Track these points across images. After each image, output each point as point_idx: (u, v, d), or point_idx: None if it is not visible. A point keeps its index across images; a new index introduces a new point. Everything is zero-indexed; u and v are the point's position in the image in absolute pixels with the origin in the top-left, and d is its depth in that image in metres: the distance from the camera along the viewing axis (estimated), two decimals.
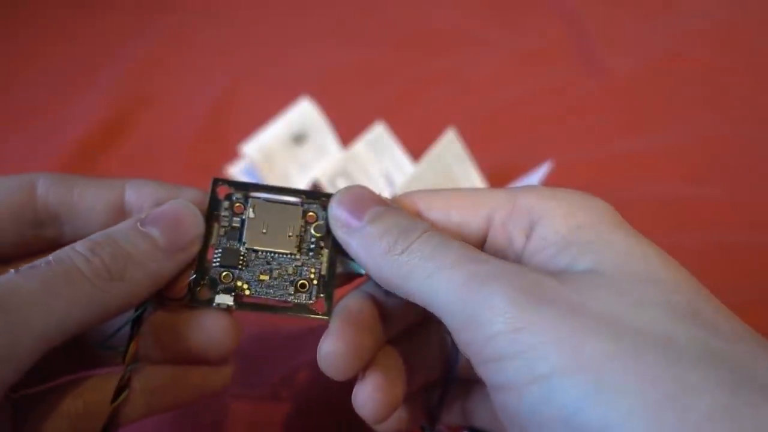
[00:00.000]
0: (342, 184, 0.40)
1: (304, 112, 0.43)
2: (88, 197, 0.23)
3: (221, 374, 0.24)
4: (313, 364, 0.33)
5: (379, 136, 0.42)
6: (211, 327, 0.22)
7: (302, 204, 0.24)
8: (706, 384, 0.15)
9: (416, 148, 0.43)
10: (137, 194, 0.23)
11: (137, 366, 0.22)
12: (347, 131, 0.44)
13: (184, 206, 0.22)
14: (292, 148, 0.42)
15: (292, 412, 0.31)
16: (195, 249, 0.22)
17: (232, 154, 0.43)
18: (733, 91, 0.50)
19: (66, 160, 0.44)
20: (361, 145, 0.41)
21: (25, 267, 0.19)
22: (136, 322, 0.21)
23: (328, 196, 0.24)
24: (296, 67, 0.51)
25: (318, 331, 0.35)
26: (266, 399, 0.31)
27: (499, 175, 0.42)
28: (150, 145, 0.46)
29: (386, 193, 0.42)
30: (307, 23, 0.55)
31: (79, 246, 0.20)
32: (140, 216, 0.22)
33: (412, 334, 0.25)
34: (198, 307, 0.22)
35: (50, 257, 0.19)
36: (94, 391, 0.22)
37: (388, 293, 0.23)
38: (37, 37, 0.53)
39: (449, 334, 0.24)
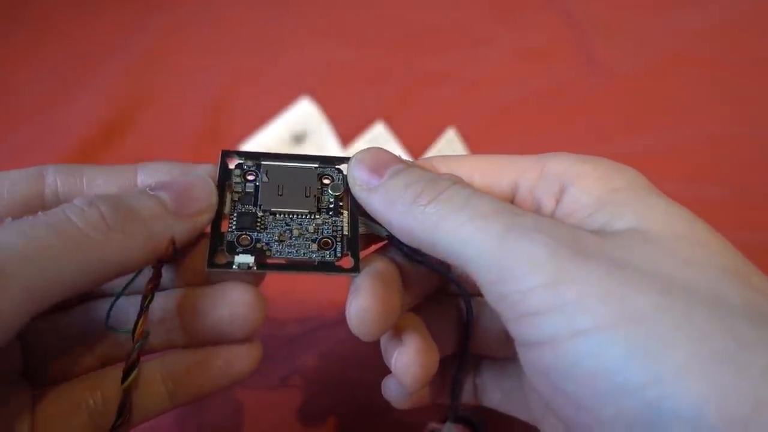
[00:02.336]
0: None
1: (304, 112, 0.43)
2: (98, 184, 0.22)
3: (249, 356, 0.22)
4: (316, 363, 0.33)
5: (379, 136, 0.42)
6: (236, 301, 0.21)
7: (317, 168, 0.23)
8: (762, 341, 0.15)
9: (416, 148, 0.43)
10: (151, 177, 0.22)
11: (147, 342, 0.21)
12: (347, 131, 0.44)
13: (196, 176, 0.21)
14: (291, 148, 0.42)
15: (298, 412, 0.31)
16: (206, 217, 0.21)
17: None
18: (734, 91, 0.50)
19: (66, 159, 0.43)
20: (361, 145, 0.41)
21: (9, 220, 0.18)
22: (147, 295, 0.20)
23: (342, 159, 0.23)
24: (296, 67, 0.51)
25: (321, 329, 0.35)
26: (270, 397, 0.31)
27: None
28: (149, 145, 0.46)
29: None
30: (307, 23, 0.55)
31: (77, 200, 0.19)
32: (150, 184, 0.21)
33: (427, 306, 0.24)
34: (217, 272, 0.21)
35: (40, 212, 0.18)
36: (113, 383, 0.21)
37: (408, 257, 0.22)
38: (36, 36, 0.53)
39: (467, 304, 0.23)
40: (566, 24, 0.55)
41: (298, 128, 0.43)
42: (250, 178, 0.23)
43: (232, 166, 0.23)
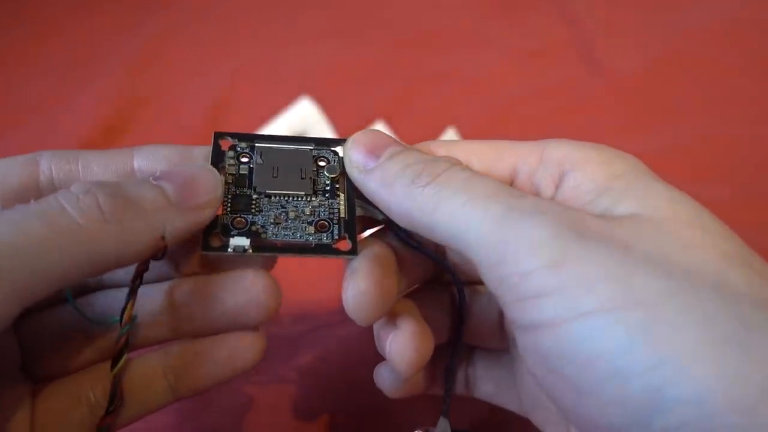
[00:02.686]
0: None
1: (304, 112, 0.43)
2: (94, 168, 0.21)
3: (254, 347, 0.22)
4: (316, 363, 0.33)
5: None
6: (253, 287, 0.21)
7: (312, 150, 0.23)
8: (767, 325, 0.15)
9: None
10: (148, 160, 0.21)
11: (134, 327, 0.20)
12: (347, 131, 0.44)
13: (202, 167, 0.21)
14: None
15: (298, 412, 0.31)
16: (210, 212, 0.20)
17: None
18: (734, 91, 0.50)
19: None
20: None
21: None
22: (135, 279, 0.20)
23: (338, 141, 0.23)
24: (296, 67, 0.51)
25: (321, 329, 0.35)
26: (270, 397, 0.31)
27: None
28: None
29: None
30: (307, 23, 0.55)
31: (74, 186, 0.18)
32: (153, 173, 0.20)
33: (422, 294, 0.24)
34: (213, 255, 0.21)
35: (32, 200, 0.17)
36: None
37: (404, 242, 0.22)
38: (35, 35, 0.53)
39: (460, 292, 0.23)
40: (566, 24, 0.55)
41: (298, 128, 0.43)
42: (244, 160, 0.22)
43: (225, 148, 0.23)
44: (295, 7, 0.56)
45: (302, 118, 0.43)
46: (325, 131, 0.43)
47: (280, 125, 0.42)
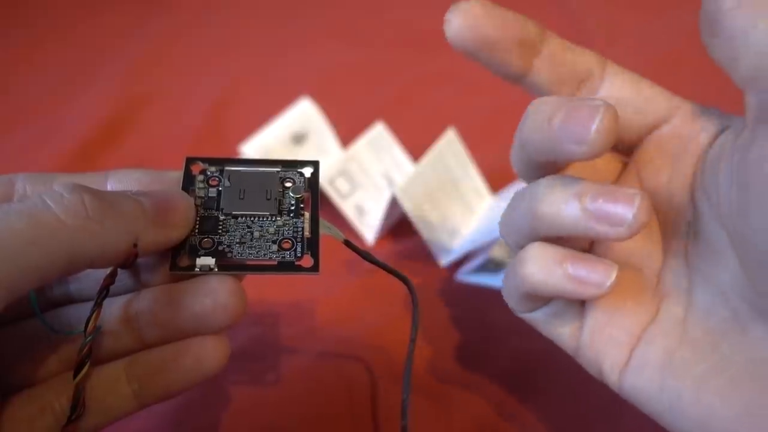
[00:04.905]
0: (342, 184, 0.40)
1: (304, 112, 0.43)
2: None
3: (218, 351, 0.22)
4: (315, 363, 0.33)
5: (379, 136, 0.42)
6: (218, 290, 0.21)
7: (279, 172, 0.24)
8: None
9: (416, 148, 0.43)
10: (121, 184, 0.22)
11: (100, 339, 0.21)
12: (347, 131, 0.44)
13: (178, 191, 0.22)
14: (291, 148, 0.42)
15: (296, 412, 0.31)
16: (181, 231, 0.21)
17: (231, 154, 0.43)
18: (734, 91, 0.50)
19: (65, 160, 0.44)
20: (361, 145, 0.41)
21: None
22: (102, 290, 0.20)
23: (304, 163, 0.24)
24: (296, 67, 0.51)
25: (319, 329, 0.35)
26: (268, 397, 0.31)
27: (499, 175, 0.42)
28: (149, 145, 0.46)
29: (386, 193, 0.41)
30: (307, 23, 0.55)
31: (57, 185, 0.18)
32: (131, 190, 0.21)
33: None
34: (180, 275, 0.21)
35: (15, 198, 0.18)
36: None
37: (363, 257, 0.23)
38: (36, 36, 0.53)
39: (413, 293, 0.23)
40: (567, 24, 0.55)
41: (298, 128, 0.43)
42: (214, 183, 0.23)
43: (196, 172, 0.23)
44: (295, 8, 0.56)
45: (302, 118, 0.43)
46: (325, 131, 0.43)
47: (280, 126, 0.42)
